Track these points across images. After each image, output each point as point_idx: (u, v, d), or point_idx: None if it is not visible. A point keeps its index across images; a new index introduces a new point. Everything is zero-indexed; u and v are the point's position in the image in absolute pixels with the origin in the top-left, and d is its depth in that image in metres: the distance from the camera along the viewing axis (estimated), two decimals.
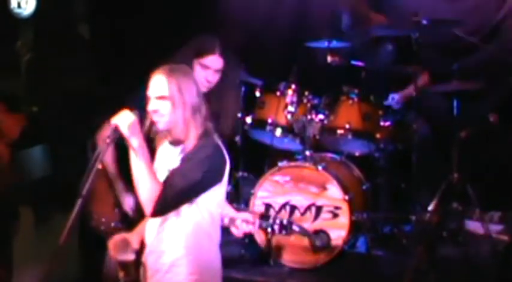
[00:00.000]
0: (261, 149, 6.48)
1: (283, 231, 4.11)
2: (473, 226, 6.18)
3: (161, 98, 3.85)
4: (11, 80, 6.33)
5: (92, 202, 4.67)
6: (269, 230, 4.12)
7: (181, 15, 7.16)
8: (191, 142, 3.86)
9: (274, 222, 4.11)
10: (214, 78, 4.66)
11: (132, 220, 4.55)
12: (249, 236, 5.60)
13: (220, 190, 3.93)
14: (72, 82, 6.61)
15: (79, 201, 3.63)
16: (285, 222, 4.11)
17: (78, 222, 3.68)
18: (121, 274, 4.19)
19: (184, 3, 7.18)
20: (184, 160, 3.82)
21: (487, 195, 6.18)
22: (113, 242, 4.14)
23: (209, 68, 4.65)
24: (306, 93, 6.16)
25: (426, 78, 6.42)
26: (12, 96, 6.12)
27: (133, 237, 4.13)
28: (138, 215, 4.25)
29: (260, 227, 4.13)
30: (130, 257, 4.11)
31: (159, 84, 3.85)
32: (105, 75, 6.99)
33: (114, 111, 3.91)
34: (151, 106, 3.85)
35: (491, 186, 6.34)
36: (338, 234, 5.71)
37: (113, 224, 4.71)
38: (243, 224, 4.10)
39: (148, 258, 4.00)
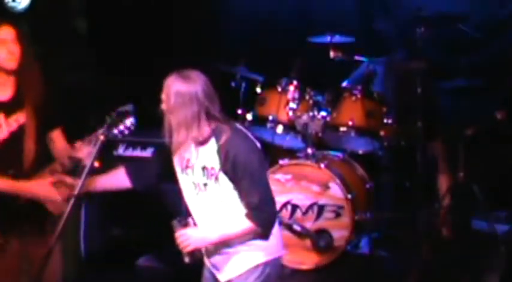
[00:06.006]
0: (262, 146, 6.38)
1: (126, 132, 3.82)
2: (480, 225, 6.12)
3: None
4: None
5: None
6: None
7: (180, 10, 7.11)
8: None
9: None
10: (16, 49, 4.53)
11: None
12: None
13: None
14: (68, 78, 6.55)
15: (72, 201, 3.59)
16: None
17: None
18: None
19: None
20: None
21: (493, 194, 6.13)
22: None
23: (6, 40, 4.53)
24: (308, 89, 6.11)
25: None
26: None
27: None
28: None
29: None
30: None
31: None
32: (102, 70, 6.94)
33: (112, 106, 3.87)
34: None
35: (497, 185, 6.29)
36: (340, 234, 5.69)
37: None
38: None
39: None
